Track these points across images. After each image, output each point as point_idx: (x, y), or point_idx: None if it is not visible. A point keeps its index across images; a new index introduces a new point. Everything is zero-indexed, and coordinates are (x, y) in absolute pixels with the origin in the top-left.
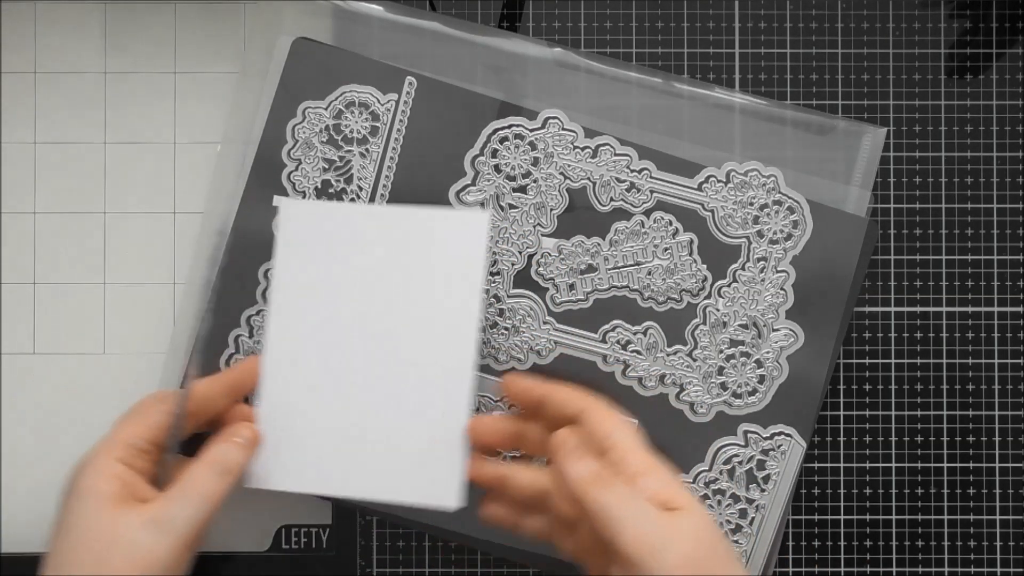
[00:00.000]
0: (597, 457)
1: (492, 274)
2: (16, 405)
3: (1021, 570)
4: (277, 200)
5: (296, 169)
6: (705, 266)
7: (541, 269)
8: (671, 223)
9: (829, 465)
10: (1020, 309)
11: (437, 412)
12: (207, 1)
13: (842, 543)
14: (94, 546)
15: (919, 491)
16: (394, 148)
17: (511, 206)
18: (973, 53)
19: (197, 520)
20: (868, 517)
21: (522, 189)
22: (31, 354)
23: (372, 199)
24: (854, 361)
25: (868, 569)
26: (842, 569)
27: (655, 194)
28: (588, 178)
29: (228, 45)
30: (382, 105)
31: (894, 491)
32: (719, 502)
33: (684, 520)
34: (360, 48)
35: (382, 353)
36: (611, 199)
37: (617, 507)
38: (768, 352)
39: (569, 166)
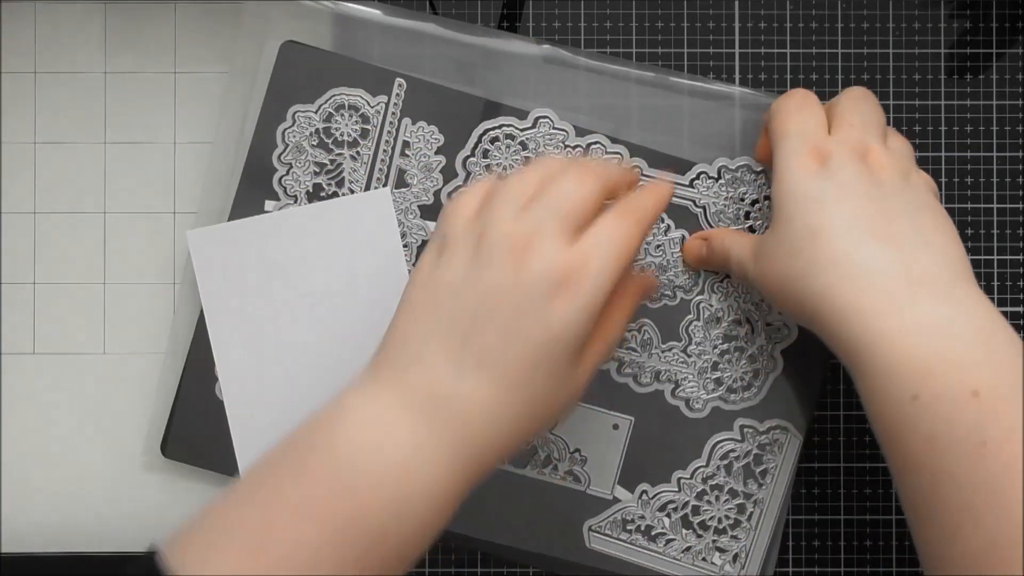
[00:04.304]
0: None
1: None
2: (16, 405)
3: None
4: (188, 233)
5: (287, 173)
6: None
7: None
8: (663, 220)
9: (829, 465)
10: (1020, 309)
11: None
12: (207, 1)
13: (842, 543)
14: None
15: None
16: (385, 150)
17: None
18: (973, 53)
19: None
20: (868, 517)
21: None
22: (31, 354)
23: None
24: None
25: (868, 569)
26: (842, 569)
27: None
28: None
29: (229, 45)
30: (372, 107)
31: (894, 491)
32: (717, 498)
33: None
34: (355, 51)
35: (330, 337)
36: None
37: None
38: (762, 346)
39: None
